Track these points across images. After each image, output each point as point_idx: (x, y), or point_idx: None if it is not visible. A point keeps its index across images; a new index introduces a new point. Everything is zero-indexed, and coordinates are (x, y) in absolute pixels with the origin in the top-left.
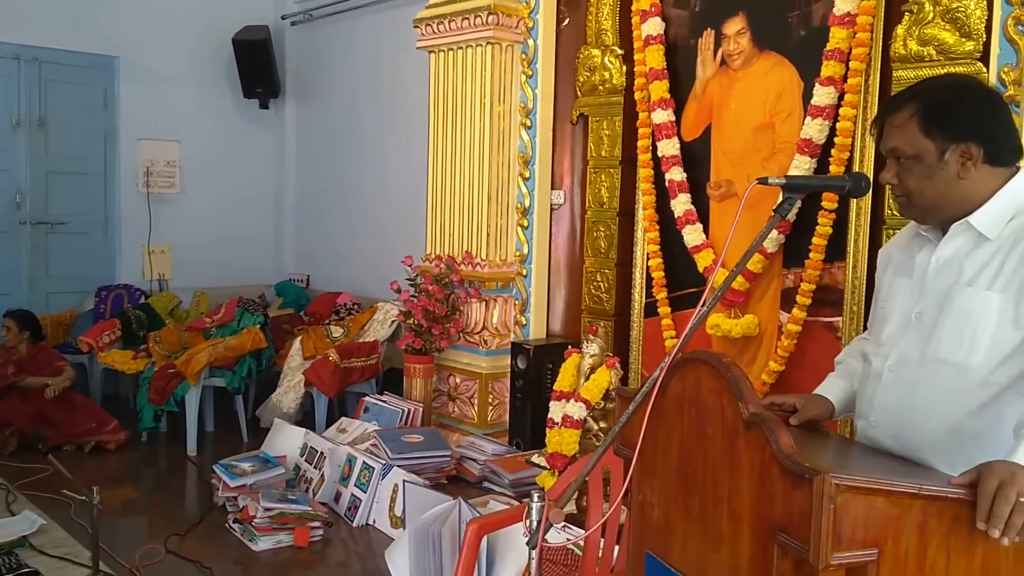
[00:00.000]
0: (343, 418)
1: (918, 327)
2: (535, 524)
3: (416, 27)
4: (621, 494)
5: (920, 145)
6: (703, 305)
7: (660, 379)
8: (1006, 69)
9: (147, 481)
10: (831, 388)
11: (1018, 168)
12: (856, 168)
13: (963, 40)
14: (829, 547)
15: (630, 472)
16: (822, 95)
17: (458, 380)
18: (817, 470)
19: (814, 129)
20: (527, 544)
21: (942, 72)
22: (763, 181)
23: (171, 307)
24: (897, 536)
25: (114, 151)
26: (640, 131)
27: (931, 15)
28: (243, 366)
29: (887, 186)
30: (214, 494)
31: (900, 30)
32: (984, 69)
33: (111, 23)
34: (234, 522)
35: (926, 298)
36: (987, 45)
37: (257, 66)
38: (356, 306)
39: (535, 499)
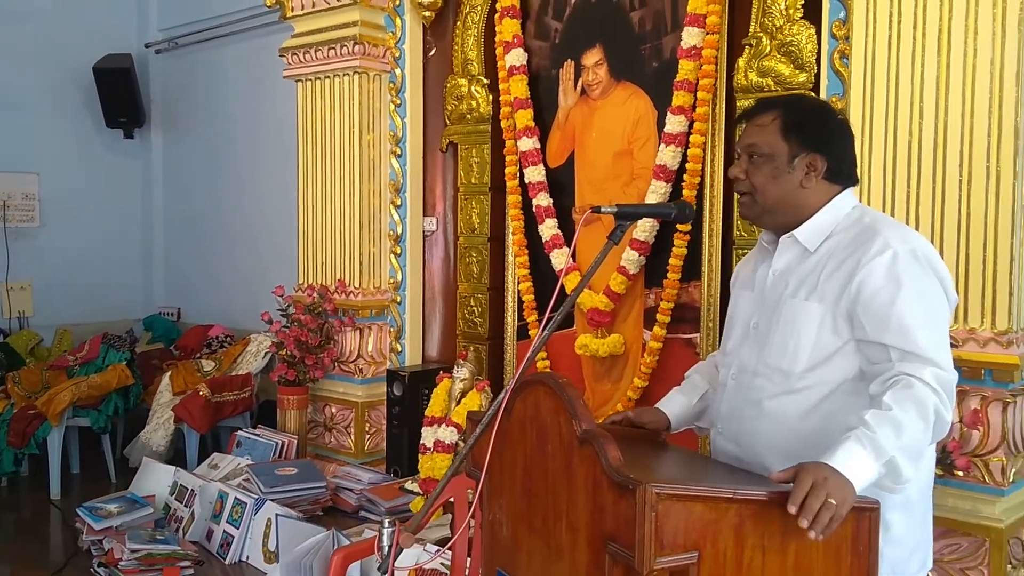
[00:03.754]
0: (215, 454)
1: (755, 336)
2: (387, 550)
3: (282, 56)
4: (469, 515)
5: (776, 146)
6: (543, 329)
7: (505, 401)
8: (834, 99)
9: (7, 528)
10: (669, 402)
11: (842, 190)
12: (707, 191)
13: (797, 72)
14: (652, 552)
15: (478, 492)
16: (673, 123)
17: (334, 410)
18: (639, 481)
19: (668, 156)
20: (378, 570)
21: None
22: (596, 210)
23: (31, 345)
24: (716, 539)
25: None
26: (508, 158)
27: (768, 48)
28: (109, 404)
29: (734, 185)
30: (79, 538)
31: (742, 62)
32: None
33: None
34: (99, 566)
35: (761, 309)
36: (818, 76)
37: (120, 95)
38: (228, 338)
39: (385, 525)
